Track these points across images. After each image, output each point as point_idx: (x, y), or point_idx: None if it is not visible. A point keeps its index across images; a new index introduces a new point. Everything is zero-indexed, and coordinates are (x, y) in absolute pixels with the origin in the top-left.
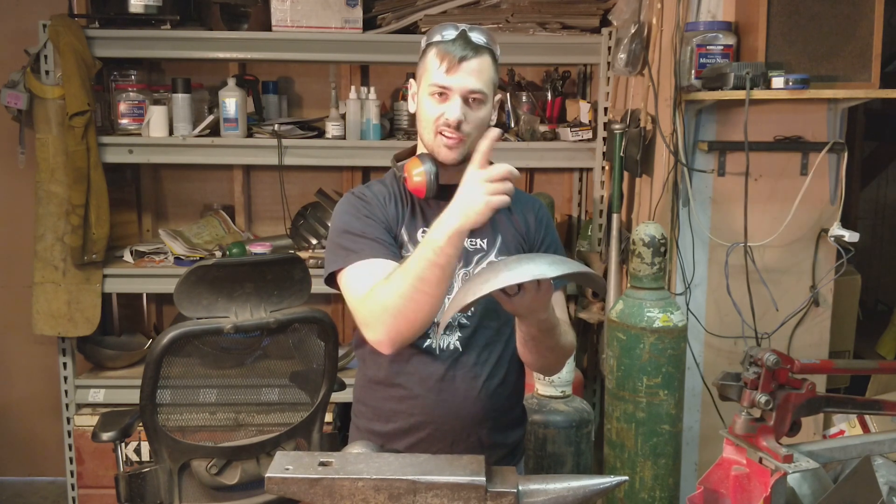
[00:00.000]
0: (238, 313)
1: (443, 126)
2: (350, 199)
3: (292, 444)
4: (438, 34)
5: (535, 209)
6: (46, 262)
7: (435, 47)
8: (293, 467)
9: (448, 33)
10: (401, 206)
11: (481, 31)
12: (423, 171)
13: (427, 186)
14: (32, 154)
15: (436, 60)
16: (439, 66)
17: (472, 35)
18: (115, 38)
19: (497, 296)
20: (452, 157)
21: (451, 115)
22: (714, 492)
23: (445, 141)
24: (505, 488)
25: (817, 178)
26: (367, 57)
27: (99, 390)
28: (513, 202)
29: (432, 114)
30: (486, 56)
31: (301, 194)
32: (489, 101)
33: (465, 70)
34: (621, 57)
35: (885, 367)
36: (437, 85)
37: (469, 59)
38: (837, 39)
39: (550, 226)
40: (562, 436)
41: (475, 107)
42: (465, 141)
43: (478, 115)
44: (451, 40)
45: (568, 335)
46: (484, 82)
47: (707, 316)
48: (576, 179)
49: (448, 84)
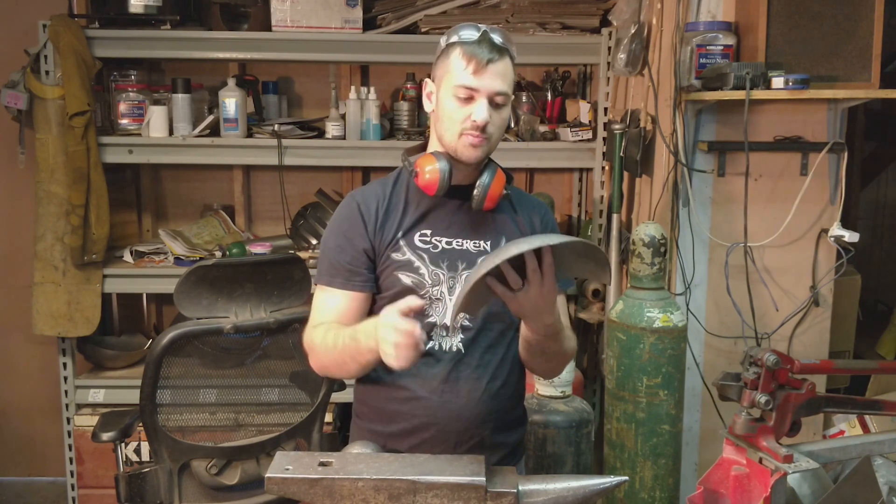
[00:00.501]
0: (238, 313)
1: (469, 129)
2: (342, 212)
3: (292, 444)
4: (459, 34)
5: (541, 212)
6: (46, 262)
7: (459, 48)
8: (293, 467)
9: (470, 34)
10: (400, 208)
11: (500, 33)
12: (437, 169)
13: (439, 184)
14: (32, 154)
15: (461, 61)
16: (465, 68)
17: (495, 37)
18: (115, 38)
19: (503, 294)
20: (476, 156)
21: (479, 117)
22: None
23: (471, 140)
24: (505, 488)
25: (817, 178)
26: (367, 57)
27: (99, 390)
28: (517, 203)
29: (458, 115)
30: (507, 58)
31: (301, 194)
32: (509, 104)
33: (491, 72)
34: (621, 57)
35: (885, 367)
36: (464, 87)
37: (495, 62)
38: (837, 39)
39: (555, 229)
40: (562, 436)
41: (500, 108)
42: (488, 141)
43: (502, 117)
44: (476, 41)
45: (570, 340)
46: (508, 84)
47: (707, 316)
48: (576, 179)
49: (476, 86)
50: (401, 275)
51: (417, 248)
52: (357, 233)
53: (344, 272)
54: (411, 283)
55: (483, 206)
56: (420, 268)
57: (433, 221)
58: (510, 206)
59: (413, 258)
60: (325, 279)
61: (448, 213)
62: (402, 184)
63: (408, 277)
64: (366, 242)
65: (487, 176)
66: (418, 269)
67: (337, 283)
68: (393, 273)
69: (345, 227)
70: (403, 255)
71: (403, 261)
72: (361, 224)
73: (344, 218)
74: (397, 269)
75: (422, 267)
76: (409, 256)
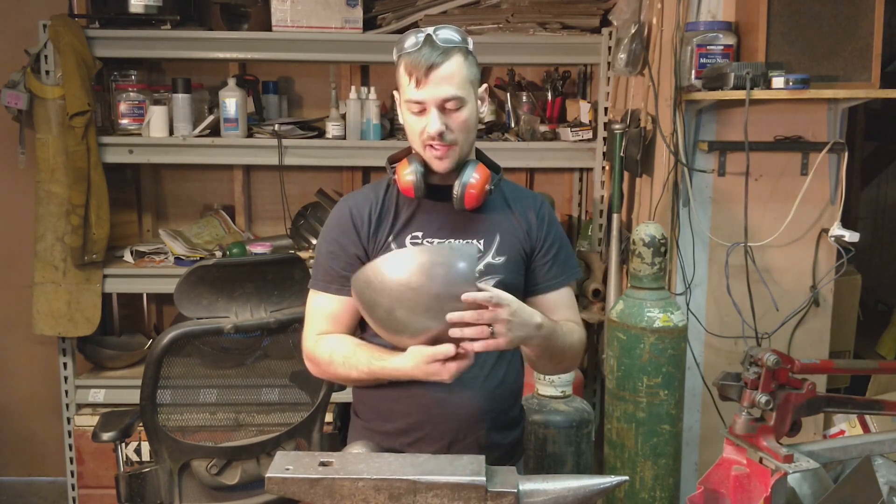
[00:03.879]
0: (238, 313)
1: (427, 140)
2: (334, 219)
3: (292, 444)
4: (403, 45)
5: (537, 206)
6: (46, 262)
7: (403, 60)
8: (293, 467)
9: (410, 42)
10: (392, 211)
11: (449, 29)
12: (411, 171)
13: (415, 186)
14: (32, 154)
15: (405, 76)
16: (409, 82)
17: (438, 36)
18: (115, 38)
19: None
20: (445, 167)
21: (432, 129)
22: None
23: (434, 153)
24: (505, 488)
25: (817, 178)
26: (367, 57)
27: (99, 390)
28: (511, 198)
29: (416, 128)
30: (456, 56)
31: (301, 194)
32: (470, 101)
33: (434, 80)
34: (621, 57)
35: (885, 367)
36: (411, 101)
37: (437, 67)
38: (837, 39)
39: (553, 222)
40: (562, 436)
41: (454, 113)
42: (454, 148)
43: (459, 120)
44: (417, 50)
45: (574, 333)
46: (457, 85)
47: (707, 316)
48: (576, 179)
49: (421, 98)
50: None
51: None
52: (349, 239)
53: (338, 278)
54: None
55: (465, 204)
56: None
57: (424, 223)
58: (504, 202)
59: None
60: (320, 285)
61: (439, 214)
62: (393, 188)
63: None
64: (358, 248)
65: (466, 174)
66: None
67: (332, 289)
68: None
69: (336, 234)
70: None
71: None
72: (353, 231)
73: (335, 224)
74: None
75: None
76: None
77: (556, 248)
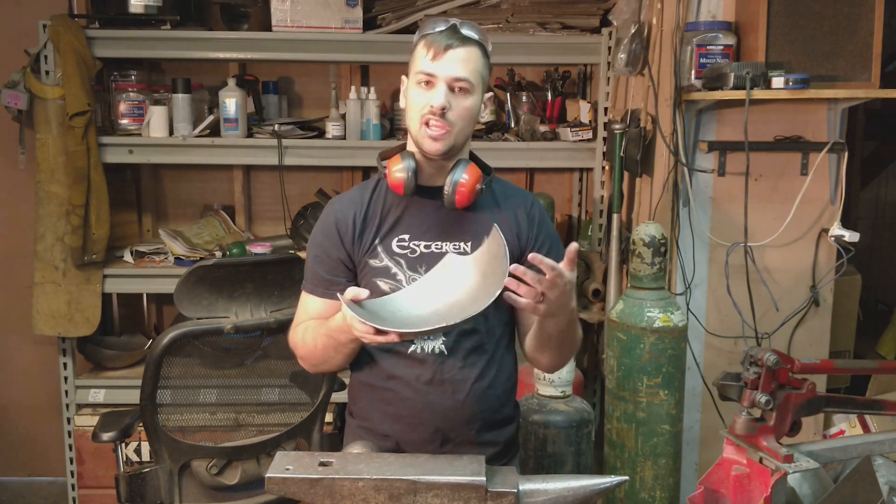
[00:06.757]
0: (238, 313)
1: (428, 115)
2: (320, 223)
3: (292, 444)
4: (429, 27)
5: (527, 205)
6: (46, 263)
7: (424, 39)
8: (293, 467)
9: (438, 26)
10: (379, 213)
11: (473, 27)
12: (403, 167)
13: (405, 182)
14: (32, 154)
15: (423, 50)
16: (426, 55)
17: (463, 28)
18: (115, 38)
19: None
20: (437, 149)
21: (436, 102)
22: (714, 492)
23: (429, 132)
24: (505, 488)
25: (817, 178)
26: (367, 57)
27: (99, 390)
28: (501, 198)
29: (419, 101)
30: (474, 48)
31: (301, 194)
32: (476, 93)
33: (450, 58)
34: (621, 57)
35: (885, 367)
36: (422, 72)
37: (455, 48)
38: (837, 39)
39: (544, 221)
40: (562, 436)
41: (461, 95)
42: (450, 132)
43: (463, 105)
44: (440, 31)
45: (580, 328)
46: (469, 71)
47: (707, 316)
48: (576, 179)
49: (433, 71)
50: (378, 281)
51: (395, 253)
52: (332, 244)
53: (323, 282)
54: (389, 289)
55: (455, 204)
56: (397, 273)
57: (411, 225)
58: (493, 202)
59: (390, 264)
60: (308, 287)
61: (426, 215)
62: (381, 188)
63: (385, 284)
64: (342, 253)
65: (457, 172)
66: (395, 276)
67: (318, 291)
68: (371, 280)
69: (321, 239)
70: (381, 261)
71: (381, 267)
72: (337, 236)
73: (320, 230)
74: (375, 276)
75: (399, 273)
76: (386, 263)
77: (548, 247)
